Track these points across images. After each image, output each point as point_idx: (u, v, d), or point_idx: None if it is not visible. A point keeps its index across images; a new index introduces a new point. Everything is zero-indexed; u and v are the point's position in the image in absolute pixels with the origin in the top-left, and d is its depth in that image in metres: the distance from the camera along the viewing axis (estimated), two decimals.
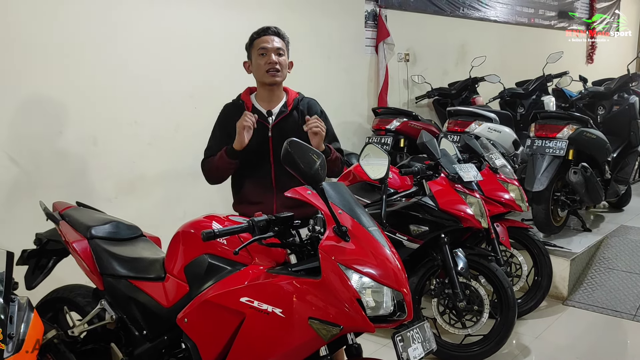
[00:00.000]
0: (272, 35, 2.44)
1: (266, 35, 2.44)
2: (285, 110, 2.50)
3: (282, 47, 2.45)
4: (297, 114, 2.51)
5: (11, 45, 3.06)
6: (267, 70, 2.41)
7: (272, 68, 2.41)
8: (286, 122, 2.49)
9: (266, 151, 2.46)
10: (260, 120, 2.45)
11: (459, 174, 3.10)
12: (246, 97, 2.54)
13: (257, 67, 2.44)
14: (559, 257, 3.96)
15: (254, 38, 2.46)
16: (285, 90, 2.56)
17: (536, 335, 3.42)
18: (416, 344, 1.76)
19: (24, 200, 3.11)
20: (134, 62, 3.60)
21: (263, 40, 2.43)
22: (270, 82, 2.44)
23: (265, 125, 2.47)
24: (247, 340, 1.77)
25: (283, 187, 2.40)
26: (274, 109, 2.50)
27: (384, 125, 5.12)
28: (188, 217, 2.21)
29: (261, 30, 2.46)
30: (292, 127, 2.47)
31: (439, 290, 3.05)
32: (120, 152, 3.58)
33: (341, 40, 5.23)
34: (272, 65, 2.40)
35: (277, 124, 2.48)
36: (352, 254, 1.68)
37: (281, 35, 2.48)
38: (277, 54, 2.42)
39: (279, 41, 2.45)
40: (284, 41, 2.48)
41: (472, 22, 6.96)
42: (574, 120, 4.27)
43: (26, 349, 1.63)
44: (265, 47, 2.41)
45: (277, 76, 2.43)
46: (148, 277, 2.14)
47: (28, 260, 2.59)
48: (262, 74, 2.42)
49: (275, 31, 2.46)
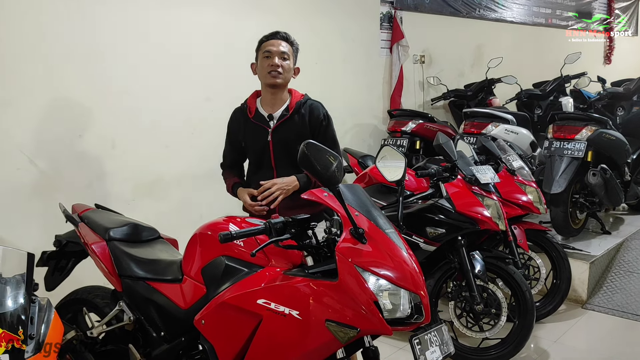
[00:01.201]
0: (280, 39, 2.49)
1: (274, 39, 2.48)
2: (287, 113, 2.51)
3: (288, 52, 2.48)
4: (299, 118, 2.51)
5: (32, 51, 3.11)
6: (269, 72, 2.45)
7: (274, 70, 2.44)
8: (287, 126, 2.50)
9: (267, 155, 2.52)
10: (261, 124, 2.51)
11: (475, 175, 3.08)
12: (252, 100, 2.59)
13: (260, 68, 2.49)
14: (578, 260, 3.91)
15: (262, 41, 2.51)
16: (289, 92, 2.58)
17: (555, 339, 3.38)
18: (434, 347, 1.75)
19: (44, 202, 3.16)
20: (151, 67, 3.63)
21: (270, 43, 2.48)
22: (271, 84, 2.47)
23: (266, 129, 2.51)
24: (264, 342, 1.77)
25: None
26: (276, 113, 2.52)
27: (400, 127, 5.10)
28: (205, 219, 2.22)
29: (270, 34, 2.50)
30: (293, 131, 2.49)
31: (456, 293, 3.03)
32: (138, 155, 3.61)
33: (357, 42, 5.23)
34: (274, 68, 2.44)
35: (277, 128, 2.50)
36: (369, 256, 1.67)
37: (289, 40, 2.51)
38: (281, 58, 2.46)
39: (286, 46, 2.49)
40: (291, 47, 2.51)
41: (489, 23, 6.91)
42: (593, 121, 4.22)
43: (46, 350, 1.65)
44: (270, 50, 2.46)
45: (278, 78, 2.45)
46: (166, 279, 2.15)
47: (48, 261, 2.62)
48: (264, 75, 2.47)
49: (284, 36, 2.50)
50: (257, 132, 2.53)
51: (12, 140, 3.07)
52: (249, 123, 2.54)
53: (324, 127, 2.56)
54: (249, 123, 2.55)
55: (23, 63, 3.08)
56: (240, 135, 2.58)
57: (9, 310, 1.63)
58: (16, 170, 3.09)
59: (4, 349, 1.54)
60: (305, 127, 2.51)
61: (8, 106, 3.04)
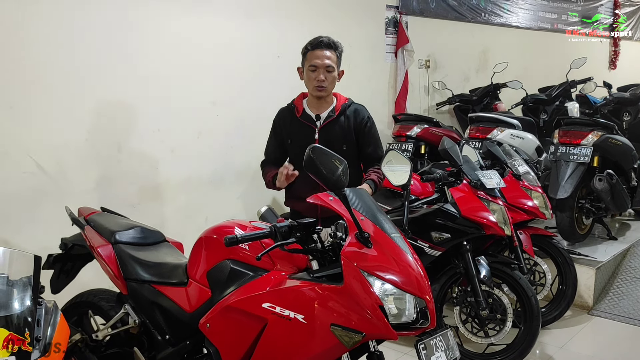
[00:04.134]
0: (325, 49, 2.56)
1: (319, 49, 2.56)
2: (333, 115, 2.65)
3: (332, 63, 2.56)
4: (344, 120, 2.66)
5: (39, 57, 3.13)
6: (315, 86, 2.57)
7: (320, 85, 2.56)
8: (333, 126, 2.64)
9: None
10: (308, 123, 2.64)
11: (481, 180, 3.08)
12: (299, 101, 2.72)
13: (307, 79, 2.61)
14: (584, 265, 3.89)
15: (308, 49, 2.59)
16: (335, 96, 2.71)
17: (560, 345, 3.36)
18: (439, 352, 1.75)
19: (50, 206, 3.17)
20: (157, 71, 3.64)
21: (315, 55, 2.55)
22: (317, 97, 2.62)
23: (313, 128, 2.64)
24: (269, 346, 1.77)
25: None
26: (322, 114, 2.66)
27: (405, 132, 5.09)
28: (210, 223, 2.23)
29: (315, 42, 2.57)
30: (338, 131, 2.64)
31: (461, 298, 3.02)
32: (144, 159, 3.62)
33: (362, 47, 5.23)
34: (320, 83, 2.56)
35: (324, 127, 2.64)
36: (374, 260, 1.68)
37: (334, 46, 2.58)
38: (327, 71, 2.55)
39: (331, 54, 2.56)
40: (336, 52, 2.59)
41: (494, 28, 6.90)
42: (599, 126, 4.21)
43: (52, 352, 1.65)
44: (315, 64, 2.55)
45: (323, 92, 2.59)
46: (171, 282, 2.16)
47: (54, 264, 2.63)
48: (311, 88, 2.60)
49: (328, 43, 2.57)
50: (304, 130, 2.64)
51: (19, 144, 3.08)
52: (296, 121, 2.67)
53: (368, 129, 2.72)
54: (296, 121, 2.67)
55: (29, 68, 3.10)
56: (286, 133, 2.69)
57: (15, 313, 1.63)
58: (23, 174, 3.11)
59: (10, 351, 1.54)
60: (350, 129, 2.66)
61: (15, 110, 3.06)
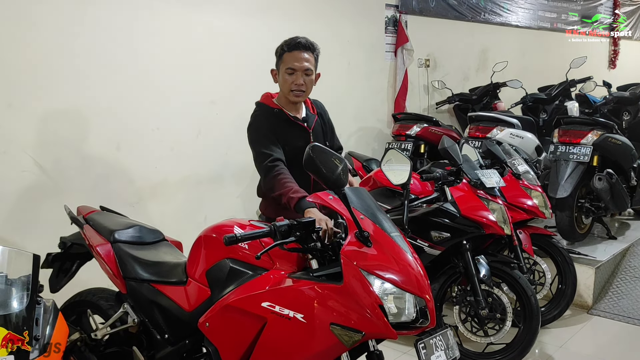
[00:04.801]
0: (303, 50, 2.41)
1: (297, 50, 2.41)
2: (313, 115, 2.60)
3: (311, 66, 2.43)
4: (320, 117, 2.64)
5: (38, 55, 3.12)
6: (292, 90, 2.43)
7: (298, 89, 2.43)
8: (317, 126, 2.60)
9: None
10: (302, 124, 2.53)
11: (481, 179, 3.07)
12: (277, 105, 2.50)
13: (283, 82, 2.46)
14: (584, 265, 3.89)
15: (284, 50, 2.43)
16: None
17: (560, 345, 3.36)
18: (439, 351, 1.74)
19: (49, 204, 3.16)
20: (156, 70, 3.64)
21: (293, 57, 2.40)
22: (294, 102, 2.50)
23: (307, 130, 2.54)
24: (268, 345, 1.77)
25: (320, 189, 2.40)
26: (303, 114, 2.58)
27: (404, 131, 5.09)
28: (209, 222, 2.22)
29: (293, 43, 2.42)
30: (320, 130, 2.61)
31: (461, 297, 3.02)
32: (143, 157, 3.62)
33: (361, 46, 5.23)
34: (298, 87, 2.42)
35: (314, 128, 2.57)
36: (374, 259, 1.67)
37: (312, 48, 2.45)
38: (305, 74, 2.42)
39: (309, 56, 2.43)
40: (314, 54, 2.46)
41: (494, 27, 6.90)
42: (599, 125, 4.20)
43: (51, 352, 1.65)
44: (294, 67, 2.40)
45: (301, 96, 2.47)
46: (170, 281, 2.15)
47: (52, 263, 2.62)
48: (288, 92, 2.45)
49: (306, 45, 2.43)
50: (299, 133, 2.50)
51: (18, 142, 3.08)
52: (291, 125, 2.49)
53: (331, 121, 2.71)
54: (290, 125, 2.49)
55: (27, 67, 3.09)
56: (282, 137, 2.46)
57: (14, 312, 1.63)
58: (22, 172, 3.10)
59: (9, 350, 1.54)
60: (326, 125, 2.65)
61: (14, 109, 3.05)
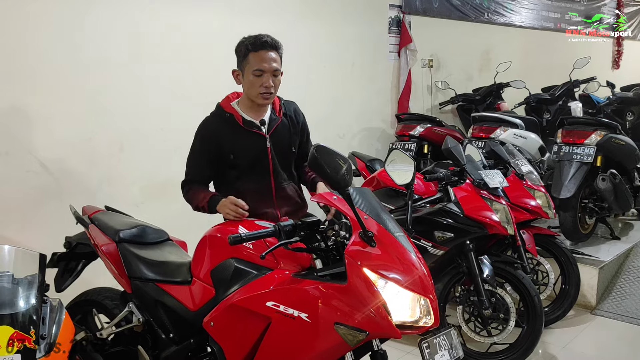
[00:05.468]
0: (269, 50, 2.25)
1: (264, 49, 2.24)
2: (277, 118, 2.39)
3: (278, 66, 2.28)
4: (287, 120, 2.43)
5: (42, 56, 3.14)
6: (261, 93, 2.27)
7: (267, 92, 2.26)
8: (280, 129, 2.39)
9: (265, 162, 2.35)
10: (255, 131, 2.34)
11: (484, 180, 3.08)
12: (231, 108, 2.36)
13: (249, 85, 2.28)
14: (587, 265, 3.89)
15: (249, 50, 2.26)
16: None
17: (563, 345, 3.36)
18: (443, 351, 1.75)
19: (54, 204, 3.18)
20: (160, 71, 3.65)
21: (260, 57, 2.24)
22: (262, 104, 2.33)
23: (262, 135, 2.35)
24: (273, 344, 1.78)
25: (283, 195, 2.40)
26: (264, 117, 2.38)
27: (408, 131, 5.09)
28: (213, 222, 2.24)
29: (259, 42, 2.25)
30: (286, 134, 2.40)
31: (464, 297, 3.02)
32: (147, 157, 3.63)
33: (365, 46, 5.23)
34: (268, 89, 2.26)
35: (273, 133, 2.37)
36: (378, 259, 1.68)
37: (277, 46, 2.29)
38: (274, 75, 2.27)
39: (275, 56, 2.27)
40: (278, 52, 2.29)
41: (497, 28, 6.90)
42: (602, 126, 4.20)
43: (57, 350, 1.66)
44: (262, 68, 2.24)
45: (269, 99, 2.31)
46: (175, 281, 2.16)
47: (58, 263, 2.63)
48: (256, 95, 2.28)
49: (272, 44, 2.27)
50: (252, 139, 2.33)
51: (23, 143, 3.10)
52: (241, 131, 2.33)
53: (305, 126, 2.51)
54: (240, 132, 2.33)
55: (32, 67, 3.11)
56: (228, 146, 2.31)
57: (21, 311, 1.65)
58: (26, 173, 3.12)
59: (16, 348, 1.55)
60: (295, 127, 2.44)
61: (18, 110, 3.07)
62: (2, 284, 1.69)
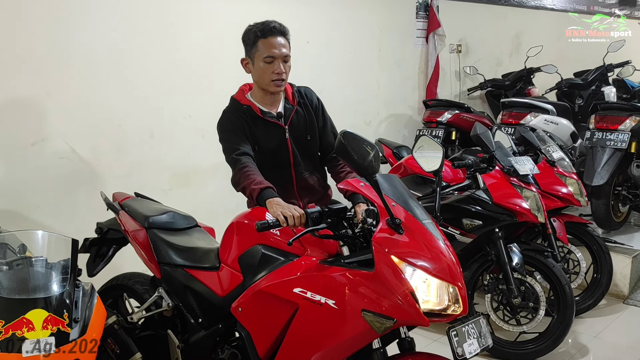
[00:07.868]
0: (278, 35, 2.22)
1: (272, 35, 2.21)
2: (291, 107, 2.35)
3: (288, 51, 2.25)
4: (302, 108, 2.38)
5: (73, 44, 3.18)
6: (273, 80, 2.24)
7: (279, 78, 2.24)
8: (296, 119, 2.36)
9: (285, 153, 2.33)
10: (274, 121, 2.31)
11: (514, 166, 3.03)
12: (247, 100, 2.33)
13: (261, 73, 2.25)
14: (620, 254, 3.81)
15: (258, 37, 2.23)
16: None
17: (595, 335, 3.30)
18: (471, 339, 1.73)
19: (86, 191, 3.24)
20: (188, 58, 3.67)
21: (270, 44, 2.21)
22: (274, 92, 2.30)
23: (282, 126, 2.32)
24: (300, 330, 1.79)
25: (304, 186, 2.38)
26: (279, 108, 2.35)
27: (435, 118, 5.04)
28: (240, 209, 2.25)
29: (267, 29, 2.22)
30: (303, 122, 2.37)
31: (493, 285, 2.99)
32: (176, 144, 3.67)
33: (392, 31, 5.17)
34: (280, 76, 2.23)
35: (290, 123, 2.34)
36: (405, 246, 1.67)
37: (285, 32, 2.26)
38: (284, 61, 2.24)
39: (284, 42, 2.24)
40: (286, 37, 2.26)
41: (528, 11, 6.74)
42: (637, 111, 4.09)
43: (90, 333, 1.70)
44: (273, 54, 2.21)
45: (282, 86, 2.27)
46: (203, 267, 2.19)
47: (89, 248, 2.69)
48: (267, 82, 2.25)
49: (280, 29, 2.24)
50: (272, 131, 2.31)
51: (56, 129, 3.16)
52: (261, 123, 2.30)
53: (322, 110, 2.44)
54: (260, 123, 2.29)
55: (64, 55, 3.16)
56: (251, 138, 2.28)
57: (54, 295, 1.68)
58: (59, 159, 3.18)
59: (50, 331, 1.59)
60: (311, 115, 2.39)
61: (51, 97, 3.13)
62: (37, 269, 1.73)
